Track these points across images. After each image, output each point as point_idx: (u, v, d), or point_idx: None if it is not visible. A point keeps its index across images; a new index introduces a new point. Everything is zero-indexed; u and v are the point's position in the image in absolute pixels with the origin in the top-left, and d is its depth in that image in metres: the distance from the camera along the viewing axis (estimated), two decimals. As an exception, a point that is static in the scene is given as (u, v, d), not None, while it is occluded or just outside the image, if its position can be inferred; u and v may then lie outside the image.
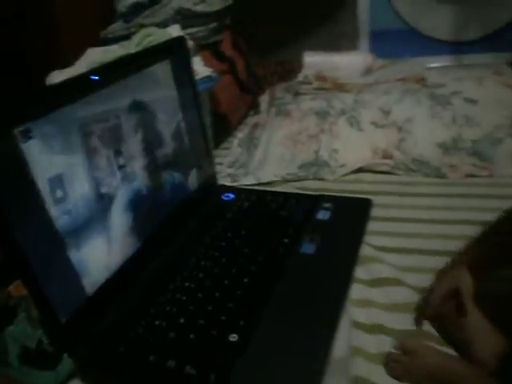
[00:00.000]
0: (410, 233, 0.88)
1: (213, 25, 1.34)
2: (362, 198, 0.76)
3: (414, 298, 0.73)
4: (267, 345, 0.52)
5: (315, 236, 0.67)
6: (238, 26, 1.47)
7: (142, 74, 0.65)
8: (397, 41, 1.55)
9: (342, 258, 0.63)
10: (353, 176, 1.11)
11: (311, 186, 1.08)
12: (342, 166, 1.13)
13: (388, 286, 0.76)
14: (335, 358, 0.54)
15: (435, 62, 1.53)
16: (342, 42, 1.52)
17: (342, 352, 0.57)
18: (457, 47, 1.57)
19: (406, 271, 0.79)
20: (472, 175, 1.07)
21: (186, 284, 0.62)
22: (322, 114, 1.23)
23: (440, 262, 0.74)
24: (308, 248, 0.65)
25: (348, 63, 1.43)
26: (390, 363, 0.63)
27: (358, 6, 1.52)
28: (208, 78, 1.11)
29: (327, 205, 0.75)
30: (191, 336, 0.54)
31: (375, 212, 0.88)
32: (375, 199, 0.88)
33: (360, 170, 1.12)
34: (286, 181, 1.12)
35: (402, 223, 0.91)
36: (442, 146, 1.13)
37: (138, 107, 0.63)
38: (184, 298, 0.60)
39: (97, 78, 0.57)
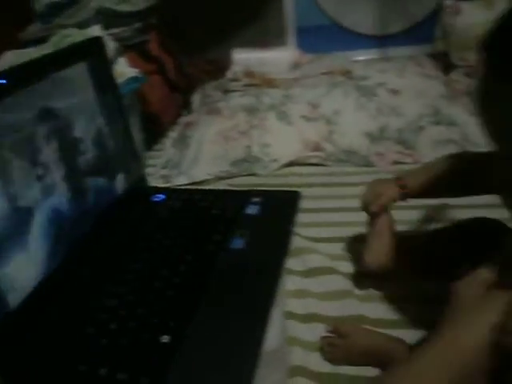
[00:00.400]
0: (340, 222, 0.91)
1: (137, 25, 1.31)
2: (291, 191, 0.77)
3: (346, 285, 0.75)
4: (200, 343, 0.51)
5: (245, 231, 0.67)
6: (166, 26, 1.45)
7: (54, 78, 0.62)
8: (323, 36, 1.59)
9: (272, 250, 0.63)
10: (285, 170, 1.12)
11: (244, 183, 1.08)
12: (274, 160, 1.15)
13: (322, 275, 0.78)
14: (268, 350, 0.54)
15: (360, 56, 1.58)
16: (270, 38, 1.53)
17: (275, 344, 0.58)
18: (380, 41, 1.62)
19: (339, 259, 0.81)
20: (398, 162, 1.12)
21: (116, 289, 0.60)
22: (251, 110, 1.24)
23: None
24: (238, 243, 0.65)
25: (276, 59, 1.45)
26: (326, 347, 0.65)
27: (283, 3, 1.54)
28: (134, 78, 1.09)
29: (256, 199, 0.75)
30: (123, 341, 0.52)
31: (307, 204, 0.89)
32: (307, 191, 0.90)
33: (292, 164, 1.14)
34: (219, 178, 1.11)
35: (332, 213, 0.94)
36: (369, 135, 1.17)
37: (50, 114, 0.60)
38: (114, 303, 0.58)
39: (4, 81, 0.55)
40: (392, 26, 1.58)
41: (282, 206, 0.74)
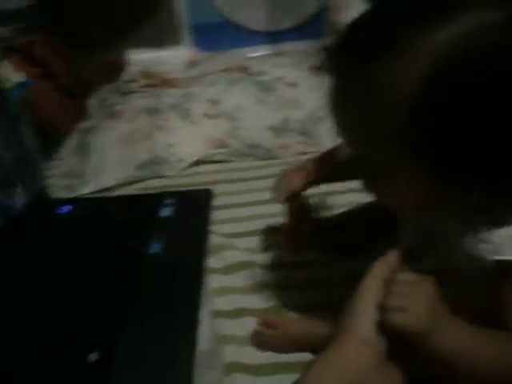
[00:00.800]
0: (253, 215, 0.92)
1: (19, 25, 1.22)
2: (202, 190, 0.77)
3: (268, 276, 0.76)
4: (133, 355, 0.50)
5: (161, 235, 0.66)
6: (55, 27, 1.36)
7: None
8: (218, 34, 1.59)
9: (191, 250, 0.63)
10: (193, 169, 1.11)
11: (154, 185, 1.05)
12: (181, 160, 1.13)
13: (242, 269, 0.78)
14: (201, 350, 0.54)
15: (255, 52, 1.61)
16: (165, 37, 1.50)
17: (207, 344, 0.58)
18: (273, 37, 1.67)
19: (256, 252, 0.82)
20: (303, 153, 1.16)
21: (28, 311, 0.56)
22: (153, 111, 1.21)
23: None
24: (156, 248, 0.63)
25: (172, 58, 1.42)
26: (257, 339, 0.65)
27: (176, 1, 1.52)
28: (20, 84, 1.01)
29: (169, 201, 0.74)
30: (47, 369, 0.49)
31: (219, 201, 0.90)
32: (218, 188, 0.90)
33: (199, 162, 1.13)
34: (127, 183, 1.07)
35: (245, 208, 0.95)
36: (272, 128, 1.19)
37: None
38: (30, 327, 0.54)
39: None
40: (283, 22, 1.63)
41: (195, 206, 0.73)
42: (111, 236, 0.68)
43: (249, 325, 0.68)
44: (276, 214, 0.91)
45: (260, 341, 0.65)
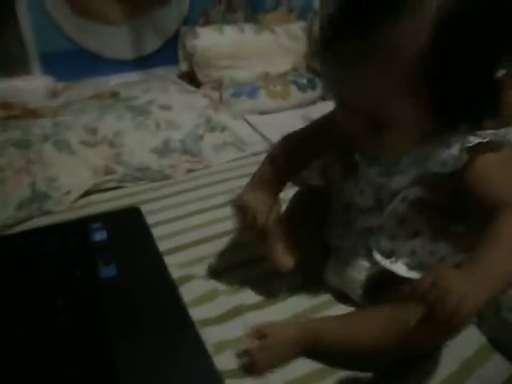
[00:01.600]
0: (178, 230, 0.90)
1: None
2: (130, 208, 0.73)
3: (210, 284, 0.75)
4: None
5: (107, 257, 0.61)
6: None
7: None
8: (73, 62, 1.51)
9: (151, 266, 0.59)
10: (86, 199, 1.03)
11: (44, 223, 0.94)
12: (68, 193, 1.04)
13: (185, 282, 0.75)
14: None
15: (118, 79, 1.58)
16: (16, 65, 1.37)
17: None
18: (136, 63, 1.66)
19: (192, 265, 0.80)
20: (191, 170, 1.17)
21: None
22: (22, 144, 1.09)
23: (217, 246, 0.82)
24: (108, 272, 0.58)
25: (29, 87, 1.31)
26: (247, 360, 0.61)
27: (22, 29, 1.40)
28: None
29: (98, 225, 0.68)
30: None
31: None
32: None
33: (91, 192, 1.06)
34: (9, 225, 0.94)
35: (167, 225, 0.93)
36: (155, 151, 1.18)
37: None
38: None
39: None
40: (140, 49, 1.63)
41: (129, 225, 0.69)
42: (54, 269, 0.59)
43: (212, 336, 0.65)
44: (200, 225, 0.92)
45: (251, 359, 0.60)
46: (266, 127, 1.39)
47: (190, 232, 0.90)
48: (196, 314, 0.66)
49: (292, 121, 1.46)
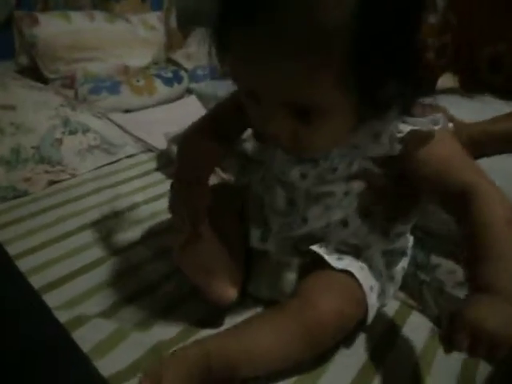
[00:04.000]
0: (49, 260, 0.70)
1: None
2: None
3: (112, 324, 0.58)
4: None
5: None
6: None
7: None
8: None
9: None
10: None
11: None
12: None
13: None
14: None
15: None
16: None
17: None
18: None
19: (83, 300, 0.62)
20: (54, 182, 0.95)
21: None
22: None
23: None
24: None
25: None
26: None
27: None
28: None
29: None
30: None
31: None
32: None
33: None
34: None
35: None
36: (1, 161, 0.94)
37: None
38: None
39: None
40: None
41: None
42: None
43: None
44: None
45: None
46: (135, 126, 1.23)
47: (65, 260, 0.71)
48: (104, 368, 0.49)
49: (160, 118, 1.32)
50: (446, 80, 0.96)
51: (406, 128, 0.49)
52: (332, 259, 0.55)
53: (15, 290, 0.47)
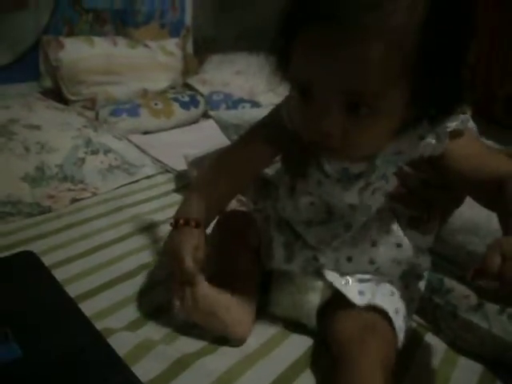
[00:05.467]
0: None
1: None
2: (20, 254, 0.55)
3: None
4: None
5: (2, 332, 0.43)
6: None
7: None
8: None
9: (72, 331, 0.43)
10: None
11: None
12: None
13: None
14: None
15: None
16: None
17: None
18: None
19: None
20: (76, 199, 0.98)
21: None
22: None
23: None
24: (9, 353, 0.40)
25: None
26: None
27: None
28: None
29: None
30: None
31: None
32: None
33: None
34: None
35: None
36: (27, 179, 0.97)
37: None
38: None
39: None
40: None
41: (21, 277, 0.51)
42: None
43: None
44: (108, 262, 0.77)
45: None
46: (153, 148, 1.27)
47: (89, 276, 0.73)
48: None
49: (178, 140, 1.36)
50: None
51: (447, 127, 0.52)
52: (353, 295, 0.58)
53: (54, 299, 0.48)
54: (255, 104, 1.52)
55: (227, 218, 0.71)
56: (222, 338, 0.60)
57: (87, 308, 0.63)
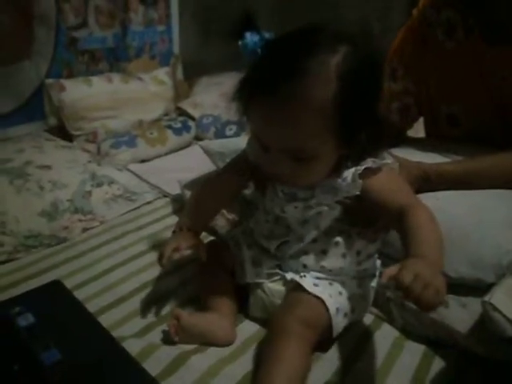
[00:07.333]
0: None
1: None
2: (50, 283, 0.69)
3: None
4: None
5: (44, 341, 0.57)
6: None
7: None
8: None
9: (96, 339, 0.58)
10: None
11: None
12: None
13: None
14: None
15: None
16: None
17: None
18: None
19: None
20: (87, 229, 1.13)
21: None
22: None
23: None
24: (51, 357, 0.55)
25: None
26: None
27: None
28: None
29: (19, 308, 0.64)
30: None
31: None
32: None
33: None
34: None
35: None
36: (44, 214, 1.13)
37: None
38: None
39: None
40: (3, 105, 1.51)
41: (54, 301, 0.66)
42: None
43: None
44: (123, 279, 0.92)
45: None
46: (151, 175, 1.41)
47: (103, 294, 0.88)
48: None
49: (172, 165, 1.51)
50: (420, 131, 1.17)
51: (361, 167, 0.67)
52: (309, 285, 0.72)
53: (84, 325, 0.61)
54: (241, 125, 1.66)
55: (207, 247, 0.86)
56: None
57: (104, 320, 0.78)
